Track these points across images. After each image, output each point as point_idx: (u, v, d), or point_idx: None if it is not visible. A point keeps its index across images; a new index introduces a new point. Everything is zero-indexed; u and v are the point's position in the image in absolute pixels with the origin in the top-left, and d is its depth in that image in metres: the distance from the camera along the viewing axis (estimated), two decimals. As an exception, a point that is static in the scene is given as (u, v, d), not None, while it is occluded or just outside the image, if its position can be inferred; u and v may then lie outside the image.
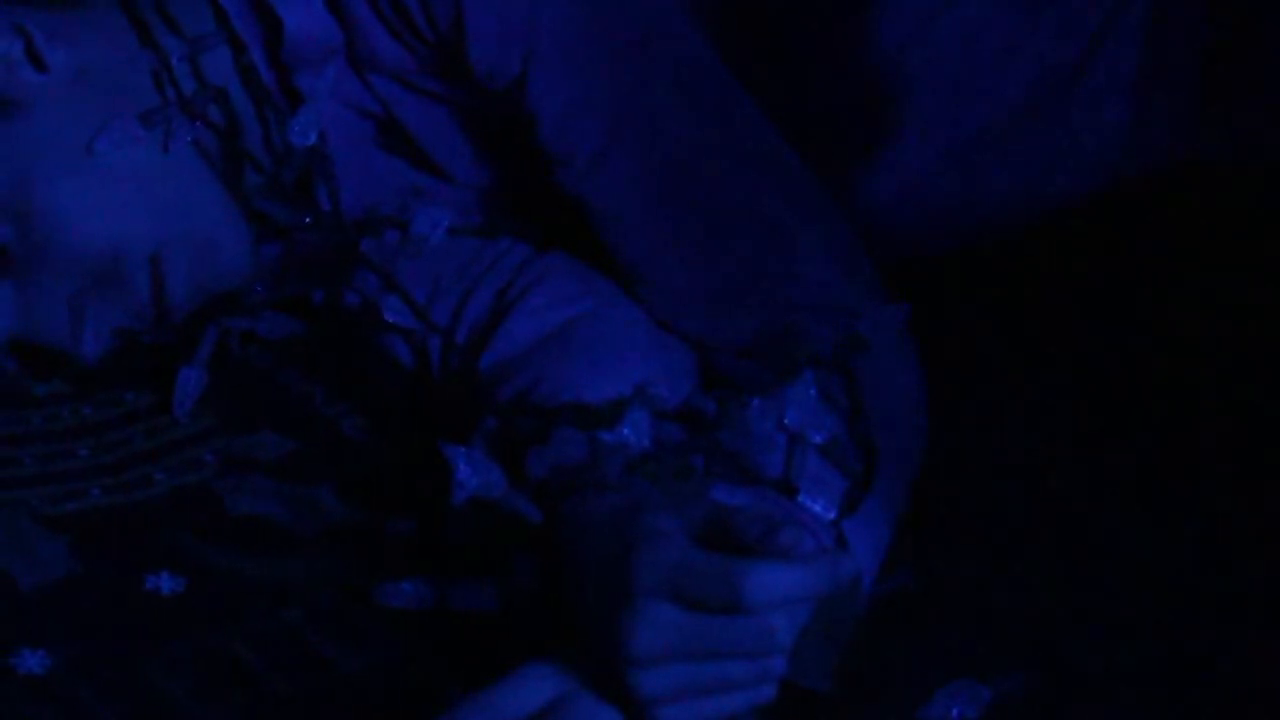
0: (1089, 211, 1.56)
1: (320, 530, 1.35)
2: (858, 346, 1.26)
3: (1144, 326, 1.55)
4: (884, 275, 1.38)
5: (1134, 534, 1.34)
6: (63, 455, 1.42)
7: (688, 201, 1.36)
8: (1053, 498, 1.38)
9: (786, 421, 1.22)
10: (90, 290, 1.37)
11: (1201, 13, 1.51)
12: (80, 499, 1.38)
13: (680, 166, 1.36)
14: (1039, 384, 1.49)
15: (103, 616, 1.27)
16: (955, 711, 1.16)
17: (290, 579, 1.30)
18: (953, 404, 1.36)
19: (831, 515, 1.22)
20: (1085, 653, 1.23)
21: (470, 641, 1.23)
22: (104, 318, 1.39)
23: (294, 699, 1.21)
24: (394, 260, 1.42)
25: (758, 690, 1.11)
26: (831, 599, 1.11)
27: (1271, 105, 1.53)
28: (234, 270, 1.43)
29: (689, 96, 1.37)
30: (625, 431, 1.23)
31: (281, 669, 1.23)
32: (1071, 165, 1.52)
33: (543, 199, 1.42)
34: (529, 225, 1.47)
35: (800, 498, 1.22)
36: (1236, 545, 1.33)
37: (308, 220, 1.43)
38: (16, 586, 1.29)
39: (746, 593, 1.06)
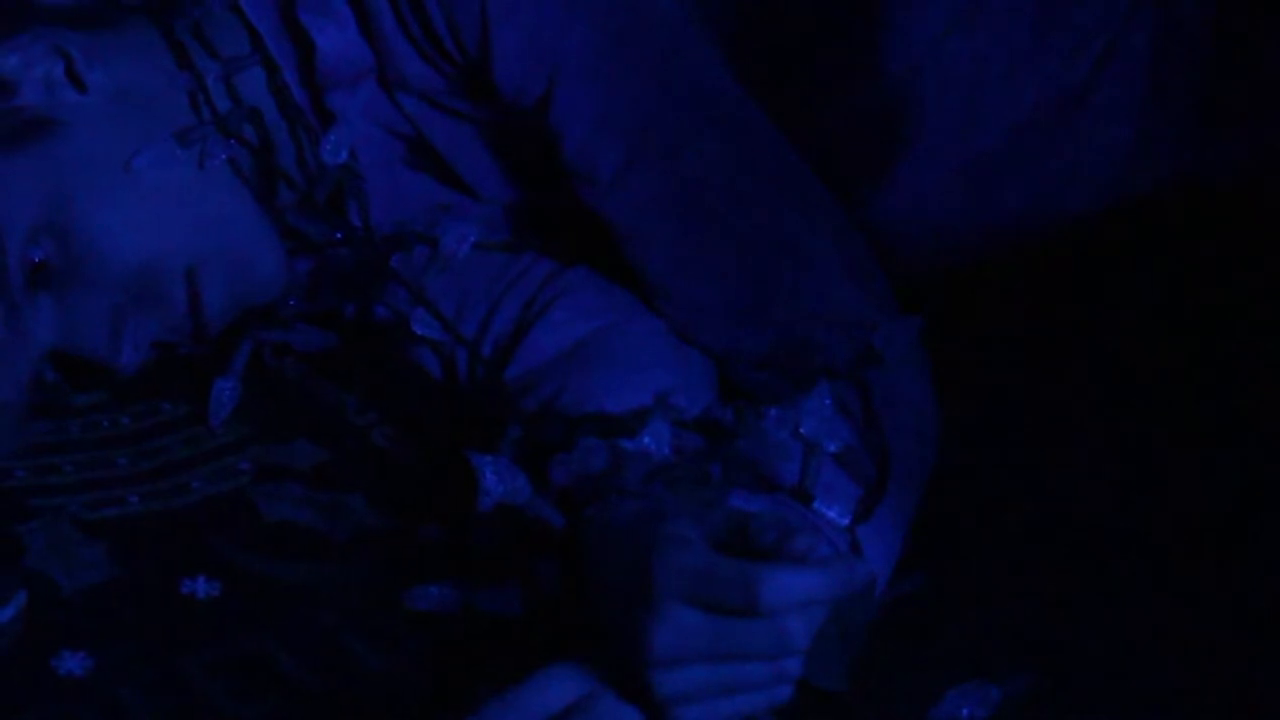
0: (1096, 227, 1.55)
1: (351, 536, 1.35)
2: (871, 359, 1.26)
3: (1149, 338, 1.54)
4: (896, 290, 1.38)
5: (1140, 538, 1.34)
6: (102, 463, 1.42)
7: (707, 218, 1.37)
8: (1059, 504, 1.38)
9: (802, 431, 1.22)
10: (129, 304, 1.37)
11: (1204, 34, 1.50)
12: (119, 505, 1.38)
13: (700, 184, 1.37)
14: (1046, 394, 1.49)
15: (141, 619, 1.27)
16: (965, 711, 1.17)
17: (322, 583, 1.30)
18: (962, 414, 1.36)
19: (845, 521, 1.23)
20: (1092, 654, 1.24)
21: (496, 643, 1.24)
22: (142, 330, 1.38)
23: (326, 698, 1.21)
24: (423, 275, 1.41)
25: (774, 690, 1.12)
26: (846, 602, 1.12)
27: (1275, 122, 1.52)
28: (268, 284, 1.43)
29: (709, 116, 1.38)
30: (646, 440, 1.24)
31: (314, 669, 1.23)
32: (1079, 182, 1.52)
33: (567, 215, 1.43)
34: (553, 240, 1.47)
35: (815, 504, 1.23)
36: (1241, 549, 1.33)
37: (339, 236, 1.44)
38: (58, 590, 1.29)
39: (764, 596, 1.07)
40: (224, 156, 1.40)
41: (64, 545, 1.34)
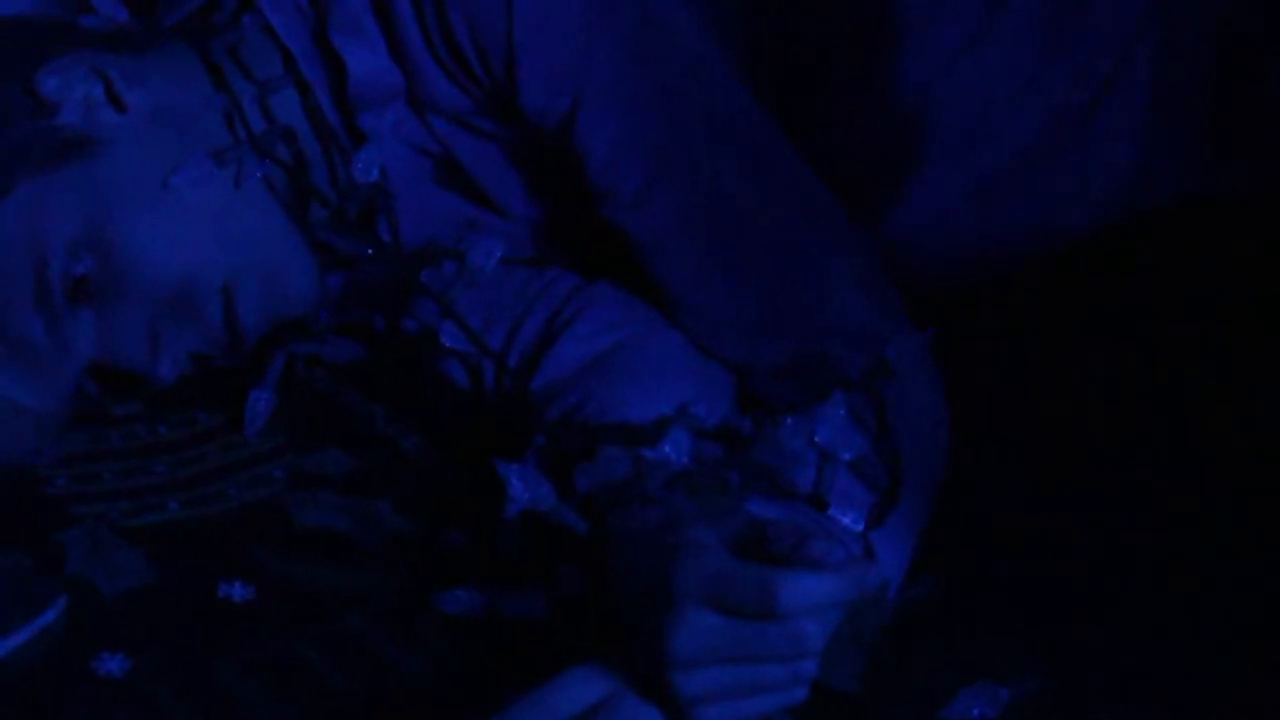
0: (1101, 244, 1.55)
1: (381, 541, 1.36)
2: (884, 370, 1.26)
3: (1152, 351, 1.54)
4: (907, 303, 1.39)
5: (1145, 541, 1.35)
6: (140, 471, 1.44)
7: (726, 234, 1.38)
8: (1066, 510, 1.38)
9: (817, 440, 1.23)
10: (166, 317, 1.38)
11: (1208, 55, 1.50)
12: (157, 512, 1.40)
13: (719, 201, 1.38)
14: (1051, 404, 1.49)
15: (179, 622, 1.29)
16: (975, 711, 1.18)
17: (353, 587, 1.32)
18: (972, 423, 1.36)
19: (860, 527, 1.24)
20: (1098, 655, 1.24)
21: (521, 645, 1.25)
22: (179, 343, 1.39)
23: (357, 699, 1.22)
24: (451, 289, 1.42)
25: (790, 691, 1.13)
26: (860, 605, 1.13)
27: (1275, 142, 1.53)
28: (301, 298, 1.44)
29: (727, 135, 1.39)
30: (667, 449, 1.25)
31: (345, 671, 1.24)
32: (1084, 201, 1.52)
33: (590, 231, 1.44)
34: (577, 256, 1.48)
35: (830, 511, 1.24)
36: (1242, 551, 1.34)
37: (370, 251, 1.44)
38: (98, 594, 1.31)
39: (781, 600, 1.08)
40: (259, 175, 1.41)
41: (104, 551, 1.35)
